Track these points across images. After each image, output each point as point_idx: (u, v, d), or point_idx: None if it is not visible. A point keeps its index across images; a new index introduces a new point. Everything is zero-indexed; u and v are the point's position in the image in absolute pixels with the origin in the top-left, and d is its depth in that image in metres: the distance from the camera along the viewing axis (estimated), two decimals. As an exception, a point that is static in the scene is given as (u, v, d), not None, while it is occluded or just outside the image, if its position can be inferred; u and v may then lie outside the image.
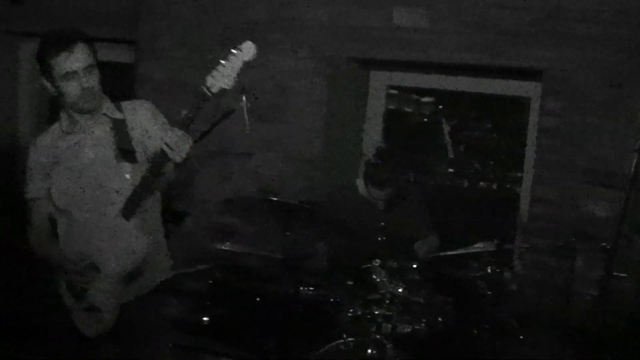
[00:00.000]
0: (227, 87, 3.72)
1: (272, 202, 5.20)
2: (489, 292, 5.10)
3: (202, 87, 3.73)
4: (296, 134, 6.56)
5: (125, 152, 3.99)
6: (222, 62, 3.71)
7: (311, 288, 5.34)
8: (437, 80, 6.54)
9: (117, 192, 3.92)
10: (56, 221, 4.05)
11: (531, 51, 5.79)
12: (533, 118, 6.12)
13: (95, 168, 3.99)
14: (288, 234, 5.10)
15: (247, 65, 3.74)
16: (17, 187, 7.54)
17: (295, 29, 6.56)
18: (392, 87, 6.89)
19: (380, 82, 6.77)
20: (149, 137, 4.02)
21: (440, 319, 5.00)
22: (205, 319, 5.54)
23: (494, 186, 7.01)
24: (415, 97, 7.26)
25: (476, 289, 5.21)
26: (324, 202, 5.95)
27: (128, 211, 3.91)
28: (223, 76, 3.71)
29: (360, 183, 5.79)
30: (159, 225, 4.23)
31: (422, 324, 4.92)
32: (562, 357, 5.36)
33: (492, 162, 7.09)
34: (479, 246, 5.19)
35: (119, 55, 7.51)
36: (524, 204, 6.13)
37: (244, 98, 5.55)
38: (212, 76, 3.71)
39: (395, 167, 5.55)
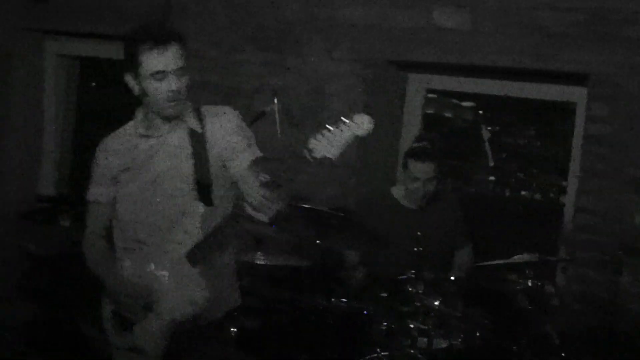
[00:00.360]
0: (332, 157, 3.50)
1: (304, 209, 5.17)
2: (530, 307, 5.04)
3: (304, 149, 3.55)
4: (330, 138, 6.51)
5: (201, 186, 3.86)
6: (330, 128, 3.49)
7: (344, 300, 5.31)
8: (478, 84, 6.49)
9: (185, 232, 3.82)
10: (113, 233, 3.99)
11: (577, 54, 5.74)
12: (579, 124, 6.06)
13: (168, 182, 3.87)
14: (319, 242, 5.07)
15: (358, 139, 3.52)
16: (36, 189, 7.63)
17: (331, 29, 6.55)
18: (431, 91, 6.84)
19: (418, 85, 6.73)
20: (230, 159, 3.89)
21: (478, 334, 4.96)
22: (233, 329, 5.52)
23: (537, 195, 6.95)
24: (455, 101, 7.22)
25: (516, 303, 5.16)
26: (358, 209, 5.93)
27: (195, 258, 3.81)
28: (329, 144, 3.49)
29: (395, 190, 5.76)
30: (231, 265, 4.14)
31: (459, 339, 4.88)
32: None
33: (535, 171, 7.03)
34: (519, 258, 5.13)
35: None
36: (568, 215, 6.07)
37: (275, 101, 5.56)
38: (317, 140, 3.52)
39: (437, 148, 5.55)
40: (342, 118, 3.48)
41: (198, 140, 3.88)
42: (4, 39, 7.71)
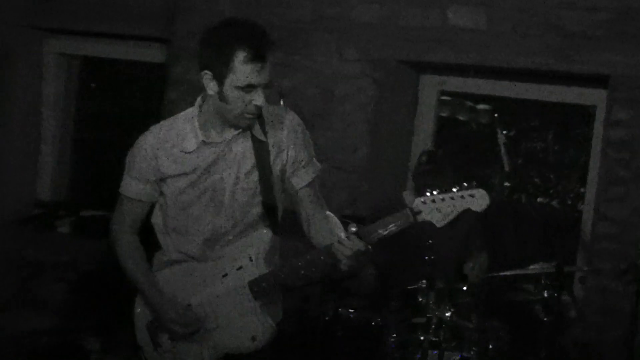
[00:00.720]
0: (436, 225, 3.45)
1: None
2: (546, 318, 5.02)
3: (406, 208, 3.48)
4: (340, 141, 6.51)
5: (267, 208, 3.74)
6: (444, 195, 3.44)
7: (352, 310, 5.29)
8: (494, 86, 6.47)
9: (250, 259, 3.70)
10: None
11: (597, 55, 5.71)
12: (598, 128, 6.03)
13: (233, 196, 3.71)
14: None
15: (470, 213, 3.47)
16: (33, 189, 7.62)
17: (341, 28, 6.52)
18: (445, 93, 6.83)
19: (432, 87, 6.70)
20: (292, 175, 3.77)
21: (491, 346, 4.93)
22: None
23: (555, 202, 6.94)
24: (469, 104, 7.22)
25: (532, 314, 5.13)
26: (369, 215, 5.90)
27: (260, 291, 3.68)
28: (438, 211, 3.43)
29: (407, 195, 5.72)
30: None
31: (472, 352, 4.86)
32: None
33: (552, 176, 7.02)
34: (535, 267, 5.10)
35: (149, 54, 7.52)
36: (587, 223, 6.04)
37: (282, 103, 5.54)
38: (424, 202, 3.45)
39: (446, 171, 5.49)
40: (465, 186, 3.45)
41: (262, 151, 3.71)
42: (3, 36, 7.70)
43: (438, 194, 3.43)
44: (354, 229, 3.51)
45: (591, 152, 6.12)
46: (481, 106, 7.20)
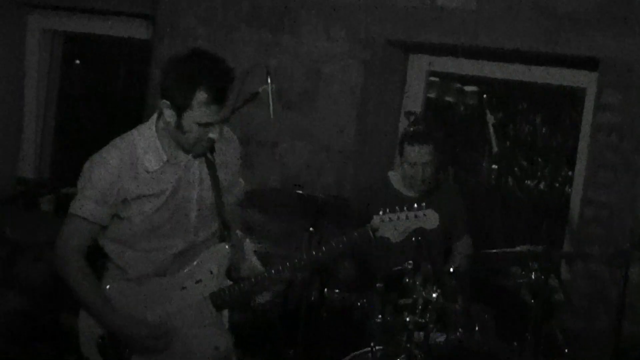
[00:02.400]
0: (392, 241, 3.80)
1: (298, 195, 5.14)
2: (533, 301, 5.01)
3: (366, 226, 3.79)
4: (327, 122, 6.51)
5: (224, 223, 3.87)
6: (399, 214, 3.79)
7: (337, 291, 5.28)
8: (483, 67, 6.46)
9: (210, 272, 3.80)
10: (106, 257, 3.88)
11: (587, 38, 5.71)
12: (588, 112, 6.03)
13: (194, 213, 3.82)
14: (312, 230, 5.03)
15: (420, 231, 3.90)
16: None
17: (328, 8, 6.51)
18: (433, 74, 6.82)
19: (420, 67, 6.69)
20: (231, 187, 3.99)
21: (477, 329, 4.93)
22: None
23: (542, 186, 6.94)
24: (458, 85, 7.20)
25: (518, 297, 5.13)
26: (355, 196, 5.89)
27: (221, 302, 3.81)
28: (395, 229, 3.79)
29: (393, 176, 5.72)
30: None
31: (458, 334, 4.85)
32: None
33: (540, 159, 7.02)
34: (522, 248, 5.09)
35: (134, 31, 7.48)
36: (575, 207, 6.05)
37: (269, 82, 5.51)
38: (382, 220, 3.76)
39: (433, 130, 5.58)
40: (416, 208, 3.83)
41: (213, 169, 3.84)
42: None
43: (393, 212, 3.79)
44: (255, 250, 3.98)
45: (580, 136, 6.12)
46: (469, 88, 7.19)
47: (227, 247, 3.83)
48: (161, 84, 3.68)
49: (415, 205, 3.84)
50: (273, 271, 3.82)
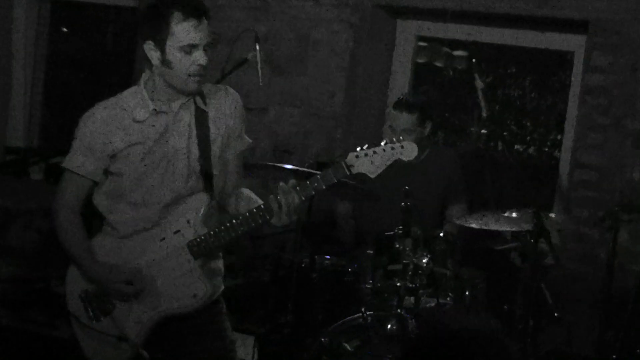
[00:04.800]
0: (370, 176, 3.63)
1: (291, 171, 5.12)
2: (523, 265, 5.01)
3: (341, 161, 3.64)
4: (316, 87, 6.49)
5: (206, 174, 3.82)
6: (375, 148, 3.61)
7: (328, 257, 5.27)
8: (471, 32, 6.43)
9: (187, 221, 3.78)
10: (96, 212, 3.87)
11: (576, 0, 5.67)
12: (576, 74, 6.02)
13: (179, 163, 3.79)
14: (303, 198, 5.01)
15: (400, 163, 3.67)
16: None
17: (317, -28, 6.48)
18: (422, 38, 6.78)
19: (408, 32, 6.66)
20: (226, 145, 3.90)
21: (467, 293, 4.93)
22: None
23: (531, 150, 6.93)
24: (446, 49, 7.17)
25: (508, 261, 5.12)
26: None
27: (198, 250, 3.78)
28: (371, 163, 3.61)
29: (385, 129, 5.71)
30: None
31: (448, 298, 4.85)
32: (602, 339, 5.28)
33: (529, 123, 7.01)
34: (512, 213, 5.08)
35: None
36: (564, 170, 6.04)
37: (257, 47, 5.48)
38: (357, 156, 3.61)
39: (421, 100, 5.58)
40: (394, 139, 3.62)
41: (203, 120, 3.82)
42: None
43: (369, 147, 3.61)
44: (292, 181, 3.69)
45: (569, 99, 6.10)
46: (458, 52, 7.16)
47: (206, 196, 3.80)
48: (140, 31, 3.72)
49: (394, 137, 3.67)
50: (247, 214, 3.73)
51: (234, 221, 3.73)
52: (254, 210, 3.71)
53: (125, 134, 3.74)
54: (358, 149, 3.62)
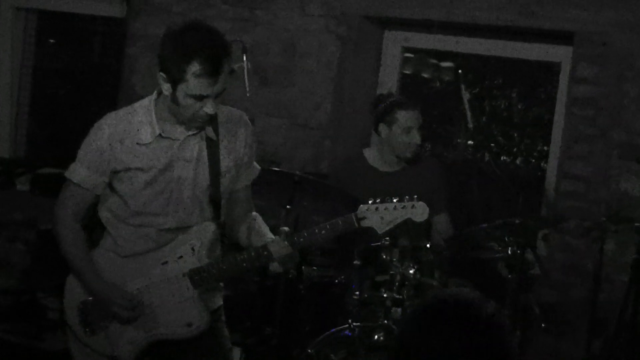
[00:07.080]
0: (378, 232, 3.70)
1: (274, 173, 5.10)
2: (510, 276, 5.01)
3: (352, 214, 3.70)
4: (303, 98, 6.49)
5: (215, 203, 3.82)
6: (387, 204, 3.68)
7: (314, 268, 5.26)
8: (458, 43, 6.43)
9: (192, 249, 3.77)
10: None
11: (562, 11, 5.70)
12: (563, 85, 6.02)
13: (186, 192, 3.76)
14: (289, 207, 5.00)
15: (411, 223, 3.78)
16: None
17: (304, -17, 6.48)
18: (409, 49, 6.78)
19: (395, 43, 6.66)
20: (236, 175, 3.90)
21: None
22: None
23: (518, 160, 6.93)
24: (433, 61, 7.17)
25: (495, 271, 5.12)
26: (332, 173, 5.87)
27: (199, 281, 3.77)
28: (380, 219, 3.68)
29: (368, 152, 5.69)
30: None
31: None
32: (589, 350, 5.28)
33: (516, 134, 7.01)
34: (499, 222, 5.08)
35: (109, 9, 7.40)
36: (551, 181, 6.04)
37: (244, 58, 5.47)
38: (368, 209, 3.67)
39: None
40: (406, 199, 3.69)
41: (214, 150, 3.78)
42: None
43: (381, 202, 3.68)
44: (286, 230, 3.79)
45: (555, 110, 6.11)
46: (445, 63, 7.17)
47: (213, 225, 3.80)
48: (158, 56, 3.63)
49: (407, 196, 3.72)
50: (253, 254, 3.76)
51: (238, 258, 3.75)
52: (260, 249, 3.74)
53: (128, 155, 3.71)
54: (370, 201, 3.68)
